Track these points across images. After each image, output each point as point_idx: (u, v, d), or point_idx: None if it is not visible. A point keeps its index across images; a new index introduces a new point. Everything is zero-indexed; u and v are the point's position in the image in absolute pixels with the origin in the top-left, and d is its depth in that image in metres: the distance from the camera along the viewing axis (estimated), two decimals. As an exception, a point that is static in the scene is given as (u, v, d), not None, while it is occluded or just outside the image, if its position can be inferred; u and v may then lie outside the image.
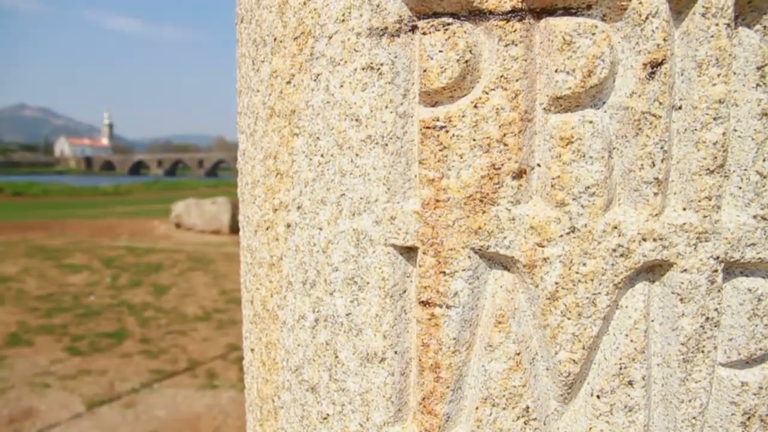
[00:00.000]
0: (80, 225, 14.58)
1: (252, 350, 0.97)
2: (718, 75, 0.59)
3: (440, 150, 0.63)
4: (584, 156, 0.59)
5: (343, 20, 0.69)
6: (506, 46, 0.60)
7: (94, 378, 5.56)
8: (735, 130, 0.61)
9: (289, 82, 0.78)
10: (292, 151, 0.78)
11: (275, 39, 0.80)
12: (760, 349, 0.63)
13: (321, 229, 0.74)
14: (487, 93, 0.61)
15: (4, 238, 12.04)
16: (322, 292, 0.75)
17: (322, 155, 0.73)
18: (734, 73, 0.61)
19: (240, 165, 0.99)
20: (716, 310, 0.61)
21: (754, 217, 0.61)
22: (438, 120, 0.63)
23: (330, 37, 0.71)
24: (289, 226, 0.80)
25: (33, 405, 4.98)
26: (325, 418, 0.77)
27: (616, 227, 0.60)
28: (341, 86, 0.70)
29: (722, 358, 0.64)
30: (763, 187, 0.61)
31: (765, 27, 0.60)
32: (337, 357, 0.75)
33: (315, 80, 0.74)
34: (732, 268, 0.63)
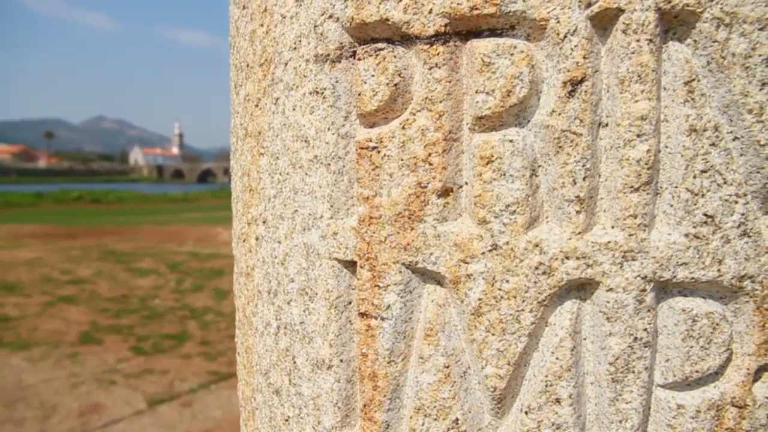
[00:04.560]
0: (150, 231, 15.58)
1: (239, 354, 1.04)
2: (642, 91, 0.58)
3: (373, 169, 0.66)
4: (504, 174, 0.61)
5: (296, 48, 0.74)
6: (430, 68, 0.63)
7: (156, 377, 5.91)
8: (666, 147, 0.60)
9: (257, 105, 0.84)
10: (259, 169, 0.84)
11: (248, 65, 0.87)
12: (697, 372, 0.61)
13: (280, 242, 0.79)
14: (413, 114, 0.64)
15: (82, 243, 13.08)
16: (281, 301, 0.80)
17: (280, 173, 0.79)
18: (664, 89, 0.60)
19: (231, 181, 1.06)
20: (646, 330, 0.60)
21: (686, 235, 0.60)
22: (371, 141, 0.66)
23: (286, 64, 0.76)
24: (257, 239, 0.86)
25: (100, 400, 5.35)
26: (286, 420, 0.82)
27: (537, 245, 0.61)
28: (294, 109, 0.75)
29: (660, 379, 0.63)
30: (695, 204, 0.60)
31: (696, 41, 0.59)
32: (295, 363, 0.79)
33: (275, 104, 0.79)
34: (668, 288, 0.62)
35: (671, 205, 0.60)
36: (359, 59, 0.67)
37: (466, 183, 0.64)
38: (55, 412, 4.97)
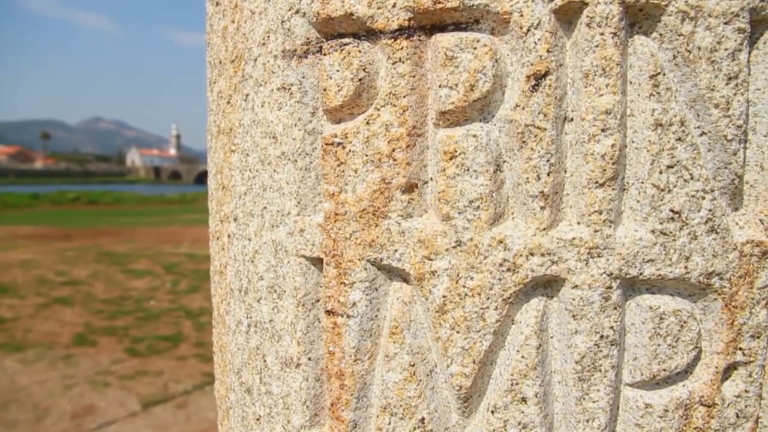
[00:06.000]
0: (146, 232, 15.53)
1: (215, 353, 1.03)
2: (606, 85, 0.58)
3: (338, 165, 0.65)
4: (468, 170, 0.60)
5: (264, 44, 0.74)
6: (394, 63, 0.62)
7: (150, 379, 5.88)
8: (633, 142, 0.60)
9: (228, 102, 0.83)
10: (231, 166, 0.83)
11: (220, 62, 0.86)
12: (664, 370, 0.60)
13: (250, 240, 0.78)
14: (378, 110, 0.63)
15: (78, 244, 13.04)
16: (252, 299, 0.79)
17: (250, 170, 0.78)
18: (630, 83, 0.59)
19: (207, 179, 1.05)
20: (612, 328, 0.59)
21: (652, 231, 0.59)
22: (336, 136, 0.65)
23: (255, 60, 0.76)
24: (229, 236, 0.85)
25: (94, 402, 5.32)
26: (257, 419, 0.81)
27: (501, 241, 0.60)
28: (262, 106, 0.74)
29: (628, 378, 0.62)
30: (661, 200, 0.59)
31: (661, 35, 0.59)
32: (265, 361, 0.78)
33: (245, 100, 0.78)
34: (636, 285, 0.61)
35: (637, 201, 0.60)
36: (325, 54, 0.66)
37: (432, 179, 0.63)
38: (48, 413, 4.94)
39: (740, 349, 0.61)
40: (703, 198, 0.59)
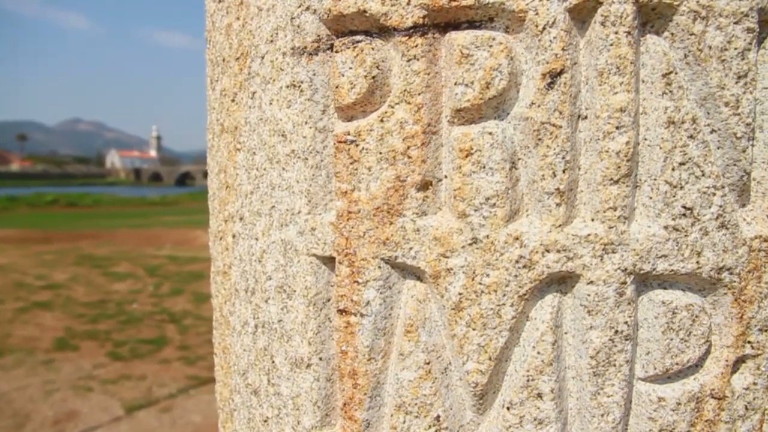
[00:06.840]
0: (127, 234, 15.27)
1: (216, 354, 1.02)
2: (620, 83, 0.58)
3: (351, 163, 0.65)
4: (484, 167, 0.60)
5: (272, 41, 0.73)
6: (409, 61, 0.62)
7: (133, 383, 5.78)
8: (645, 139, 0.61)
9: (233, 100, 0.82)
10: (236, 165, 0.82)
11: (224, 59, 0.85)
12: (677, 364, 0.61)
13: (257, 239, 0.78)
14: (392, 107, 0.63)
15: (58, 247, 12.77)
16: (259, 300, 0.78)
17: (257, 169, 0.77)
18: (642, 81, 0.60)
19: (208, 179, 1.04)
20: (626, 323, 0.60)
21: (665, 227, 0.60)
22: (349, 134, 0.65)
23: (262, 57, 0.75)
24: (234, 236, 0.84)
25: (76, 407, 5.22)
26: (265, 421, 0.80)
27: (517, 238, 0.60)
28: (270, 103, 0.73)
29: (641, 373, 0.63)
30: (673, 197, 0.60)
31: (673, 34, 0.59)
32: (273, 362, 0.77)
33: (251, 98, 0.77)
34: (648, 280, 0.62)
35: (650, 198, 0.60)
36: (337, 52, 0.66)
37: (446, 176, 0.63)
38: (28, 420, 4.83)
39: (749, 342, 0.62)
40: (714, 194, 0.60)
